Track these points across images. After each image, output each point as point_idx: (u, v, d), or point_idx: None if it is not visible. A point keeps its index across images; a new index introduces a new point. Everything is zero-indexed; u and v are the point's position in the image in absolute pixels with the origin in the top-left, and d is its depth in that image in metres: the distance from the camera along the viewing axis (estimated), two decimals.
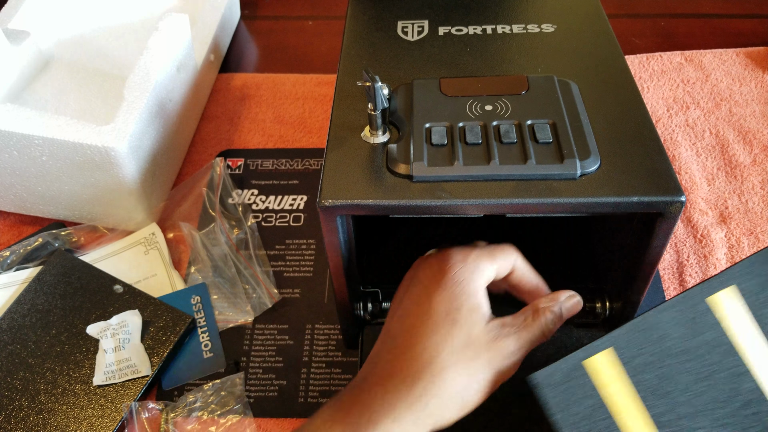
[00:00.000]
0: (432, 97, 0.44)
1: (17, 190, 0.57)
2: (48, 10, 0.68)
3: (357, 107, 0.45)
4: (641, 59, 0.76)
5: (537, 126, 0.41)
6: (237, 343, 0.54)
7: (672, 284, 0.55)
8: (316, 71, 0.77)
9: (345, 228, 0.42)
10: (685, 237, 0.59)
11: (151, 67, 0.57)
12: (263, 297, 0.56)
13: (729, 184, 0.63)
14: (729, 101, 0.70)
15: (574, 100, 0.43)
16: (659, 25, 0.83)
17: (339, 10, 0.88)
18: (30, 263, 0.57)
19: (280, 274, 0.58)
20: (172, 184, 0.65)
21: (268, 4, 0.89)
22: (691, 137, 0.67)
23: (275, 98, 0.74)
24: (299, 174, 0.66)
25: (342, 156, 0.41)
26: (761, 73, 0.73)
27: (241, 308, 0.55)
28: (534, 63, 0.48)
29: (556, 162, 0.38)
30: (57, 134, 0.51)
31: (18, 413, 0.48)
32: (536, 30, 0.51)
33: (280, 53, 0.82)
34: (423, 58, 0.49)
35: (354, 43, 0.51)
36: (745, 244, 0.57)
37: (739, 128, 0.67)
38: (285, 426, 0.49)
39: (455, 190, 0.38)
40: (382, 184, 0.39)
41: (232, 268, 0.57)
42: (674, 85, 0.73)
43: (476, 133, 0.41)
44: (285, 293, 0.57)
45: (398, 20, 0.54)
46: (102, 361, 0.50)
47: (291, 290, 0.57)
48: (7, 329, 0.52)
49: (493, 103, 0.43)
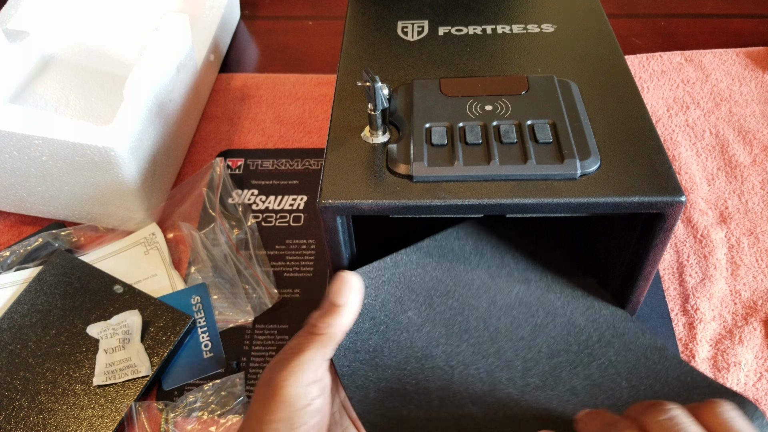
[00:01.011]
0: (432, 97, 0.44)
1: (17, 190, 0.57)
2: (48, 10, 0.68)
3: (357, 107, 0.45)
4: (641, 59, 0.76)
5: (537, 126, 0.41)
6: (237, 343, 0.54)
7: (672, 284, 0.55)
8: (316, 71, 0.77)
9: (345, 228, 0.42)
10: (685, 237, 0.59)
11: (151, 67, 0.57)
12: (263, 297, 0.56)
13: (729, 184, 0.63)
14: (729, 101, 0.70)
15: (574, 100, 0.43)
16: (659, 25, 0.83)
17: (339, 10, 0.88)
18: (30, 263, 0.57)
19: (280, 274, 0.58)
20: (172, 184, 0.65)
21: (268, 4, 0.89)
22: (691, 137, 0.67)
23: (275, 98, 0.74)
24: (299, 174, 0.66)
25: (342, 156, 0.41)
26: (761, 73, 0.73)
27: (241, 308, 0.55)
28: (534, 63, 0.48)
29: (556, 162, 0.38)
30: (57, 134, 0.51)
31: (18, 413, 0.48)
32: (536, 30, 0.51)
33: (280, 53, 0.82)
34: (423, 58, 0.49)
35: (354, 43, 0.51)
36: (745, 244, 0.57)
37: (739, 128, 0.67)
38: None
39: (455, 190, 0.38)
40: (382, 184, 0.39)
41: (232, 268, 0.57)
42: (674, 85, 0.73)
43: (476, 133, 0.41)
44: (285, 293, 0.57)
45: (398, 20, 0.54)
46: (102, 361, 0.50)
47: (291, 290, 0.57)
48: (7, 329, 0.52)
49: (493, 103, 0.43)
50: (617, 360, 0.42)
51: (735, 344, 0.51)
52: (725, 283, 0.55)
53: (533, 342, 0.43)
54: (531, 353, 0.43)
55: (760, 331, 0.51)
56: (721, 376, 0.49)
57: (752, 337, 0.51)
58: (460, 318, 0.44)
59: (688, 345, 0.51)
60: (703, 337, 0.51)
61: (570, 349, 0.43)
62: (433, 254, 0.47)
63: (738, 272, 0.55)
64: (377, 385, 0.40)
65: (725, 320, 0.52)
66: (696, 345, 0.51)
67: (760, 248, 0.57)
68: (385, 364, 0.42)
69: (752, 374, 0.49)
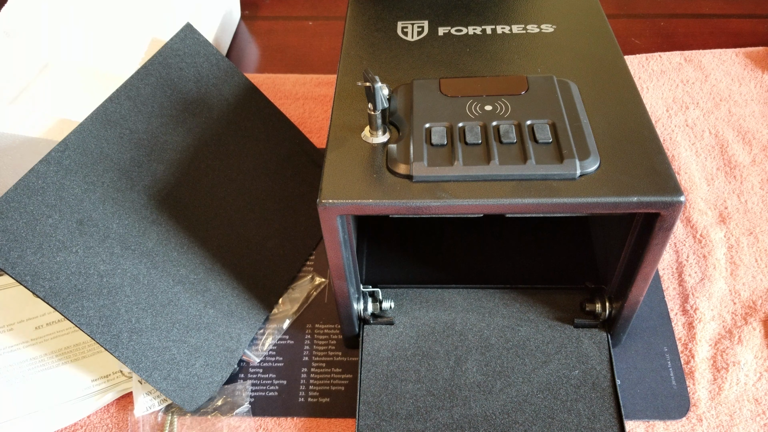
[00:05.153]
0: (432, 98, 0.44)
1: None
2: (47, 10, 0.68)
3: (357, 107, 0.45)
4: (641, 59, 0.76)
5: (537, 126, 0.41)
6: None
7: (672, 284, 0.55)
8: (316, 71, 0.77)
9: (345, 228, 0.42)
10: (685, 237, 0.59)
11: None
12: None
13: (728, 184, 0.63)
14: (728, 101, 0.70)
15: (573, 100, 0.43)
16: (659, 25, 0.83)
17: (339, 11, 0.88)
18: None
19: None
20: None
21: (268, 5, 0.89)
22: (691, 137, 0.67)
23: (275, 98, 0.74)
24: None
25: (342, 156, 0.41)
26: (761, 73, 0.73)
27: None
28: (533, 63, 0.48)
29: (556, 162, 0.38)
30: (57, 135, 0.51)
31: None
32: (536, 30, 0.51)
33: (280, 53, 0.82)
34: (423, 59, 0.49)
35: (354, 44, 0.51)
36: (745, 244, 0.57)
37: (739, 128, 0.68)
38: (285, 425, 0.49)
39: (455, 190, 0.38)
40: (382, 184, 0.39)
41: None
42: (674, 85, 0.73)
43: (476, 134, 0.41)
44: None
45: (398, 20, 0.54)
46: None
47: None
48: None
49: (492, 104, 0.43)
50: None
51: (734, 344, 0.51)
52: (724, 283, 0.55)
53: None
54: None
55: (760, 331, 0.51)
56: (721, 376, 0.49)
57: (752, 336, 0.51)
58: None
59: (687, 345, 0.51)
60: (702, 337, 0.51)
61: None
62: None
63: (737, 272, 0.56)
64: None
65: (725, 320, 0.53)
66: (695, 345, 0.51)
67: (760, 248, 0.57)
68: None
69: (752, 374, 0.49)
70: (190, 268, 0.49)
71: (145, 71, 0.49)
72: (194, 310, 0.48)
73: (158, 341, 0.46)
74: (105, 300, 0.44)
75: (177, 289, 0.48)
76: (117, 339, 0.44)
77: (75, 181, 0.44)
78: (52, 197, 0.43)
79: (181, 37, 0.51)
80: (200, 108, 0.52)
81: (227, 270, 0.51)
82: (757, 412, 0.47)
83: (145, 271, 0.46)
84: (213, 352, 0.49)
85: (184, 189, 0.50)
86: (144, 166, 0.48)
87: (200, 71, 0.52)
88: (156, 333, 0.46)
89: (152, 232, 0.47)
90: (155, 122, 0.49)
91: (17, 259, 0.40)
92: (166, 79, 0.50)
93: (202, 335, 0.48)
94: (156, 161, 0.48)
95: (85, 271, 0.43)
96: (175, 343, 0.47)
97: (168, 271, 0.47)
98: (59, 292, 0.42)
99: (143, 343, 0.45)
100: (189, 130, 0.51)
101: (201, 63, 0.52)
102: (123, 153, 0.47)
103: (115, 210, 0.45)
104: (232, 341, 0.50)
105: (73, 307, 0.42)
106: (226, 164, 0.53)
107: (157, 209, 0.48)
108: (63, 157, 0.44)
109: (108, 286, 0.44)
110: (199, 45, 0.52)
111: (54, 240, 0.42)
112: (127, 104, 0.48)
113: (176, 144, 0.50)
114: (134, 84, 0.48)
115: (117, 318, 0.44)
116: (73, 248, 0.43)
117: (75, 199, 0.44)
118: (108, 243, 0.45)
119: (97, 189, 0.45)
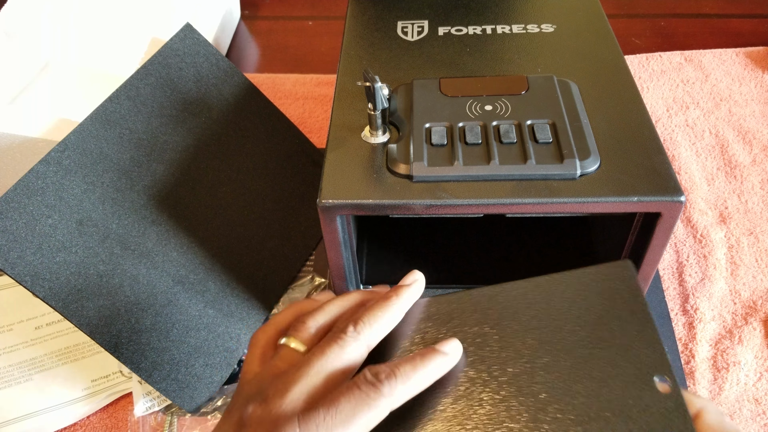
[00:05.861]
0: (432, 97, 0.44)
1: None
2: (47, 10, 0.68)
3: (357, 107, 0.45)
4: (641, 59, 0.76)
5: (537, 126, 0.41)
6: None
7: (672, 284, 0.55)
8: (316, 71, 0.77)
9: (345, 228, 0.42)
10: (685, 237, 0.59)
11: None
12: None
13: (729, 184, 0.63)
14: (729, 101, 0.70)
15: (573, 100, 0.43)
16: (659, 25, 0.83)
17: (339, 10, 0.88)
18: None
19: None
20: None
21: (268, 5, 0.89)
22: (691, 137, 0.67)
23: (275, 98, 0.74)
24: None
25: (342, 156, 0.41)
26: (761, 73, 0.73)
27: None
28: (534, 63, 0.48)
29: (556, 162, 0.38)
30: (57, 135, 0.51)
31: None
32: (536, 30, 0.51)
33: (280, 53, 0.82)
34: (423, 58, 0.49)
35: (354, 43, 0.51)
36: (745, 244, 0.57)
37: (739, 128, 0.67)
38: None
39: (455, 190, 0.38)
40: (382, 184, 0.39)
41: None
42: (674, 85, 0.73)
43: (476, 133, 0.41)
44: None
45: (398, 20, 0.54)
46: None
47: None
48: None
49: (492, 103, 0.43)
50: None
51: (735, 344, 0.51)
52: (725, 283, 0.55)
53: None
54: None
55: (760, 331, 0.51)
56: (721, 376, 0.49)
57: (752, 336, 0.51)
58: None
59: (687, 345, 0.51)
60: (702, 337, 0.51)
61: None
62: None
63: (738, 272, 0.55)
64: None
65: (725, 320, 0.52)
66: (696, 345, 0.51)
67: (760, 248, 0.57)
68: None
69: (752, 374, 0.49)
70: (189, 268, 0.49)
71: (145, 71, 0.49)
72: (194, 310, 0.48)
73: (158, 341, 0.46)
74: (105, 300, 0.44)
75: (177, 289, 0.48)
76: (116, 339, 0.44)
77: (74, 182, 0.44)
78: (52, 197, 0.42)
79: (180, 37, 0.51)
80: (200, 108, 0.52)
81: (227, 270, 0.51)
82: (758, 412, 0.47)
83: (145, 272, 0.46)
84: (213, 353, 0.49)
85: (183, 189, 0.50)
86: (144, 166, 0.48)
87: (200, 71, 0.52)
88: (155, 333, 0.46)
89: (152, 232, 0.47)
90: (155, 122, 0.49)
91: (17, 260, 0.40)
92: (166, 79, 0.50)
93: (202, 335, 0.48)
94: (156, 161, 0.48)
95: (84, 272, 0.43)
96: (174, 343, 0.47)
97: (168, 271, 0.47)
98: (59, 292, 0.42)
99: (143, 343, 0.45)
100: (189, 130, 0.51)
101: (201, 63, 0.52)
102: (123, 153, 0.47)
103: (114, 210, 0.45)
104: (231, 341, 0.50)
105: (73, 307, 0.42)
106: (226, 164, 0.53)
107: (156, 209, 0.48)
108: (63, 158, 0.44)
109: (108, 287, 0.44)
110: (198, 45, 0.52)
111: (54, 240, 0.42)
112: (127, 104, 0.48)
113: (176, 144, 0.50)
114: (134, 84, 0.48)
115: (116, 318, 0.44)
116: (72, 248, 0.43)
117: (75, 200, 0.43)
118: (108, 243, 0.45)
119: (97, 189, 0.45)
